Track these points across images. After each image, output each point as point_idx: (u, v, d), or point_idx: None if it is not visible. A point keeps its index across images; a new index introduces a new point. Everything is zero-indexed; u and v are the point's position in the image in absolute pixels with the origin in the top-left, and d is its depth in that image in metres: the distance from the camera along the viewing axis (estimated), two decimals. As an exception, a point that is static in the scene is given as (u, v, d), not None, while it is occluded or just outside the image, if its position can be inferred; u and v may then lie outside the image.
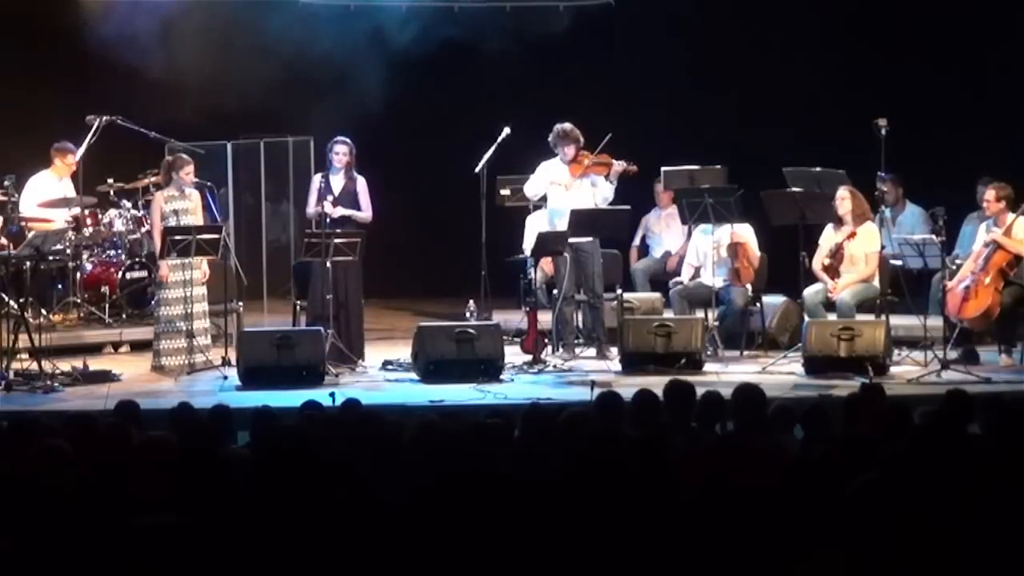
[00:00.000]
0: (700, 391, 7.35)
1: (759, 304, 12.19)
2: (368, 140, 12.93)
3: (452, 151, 13.63)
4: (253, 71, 12.99)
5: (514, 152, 12.41)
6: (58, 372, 10.82)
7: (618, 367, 11.37)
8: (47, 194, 12.77)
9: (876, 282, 11.68)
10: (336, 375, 11.04)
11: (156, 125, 13.15)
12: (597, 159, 11.97)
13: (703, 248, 12.28)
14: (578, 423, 6.46)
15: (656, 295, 12.89)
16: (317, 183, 11.77)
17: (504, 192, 13.48)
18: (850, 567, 4.31)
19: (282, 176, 14.82)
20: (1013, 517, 4.92)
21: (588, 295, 12.08)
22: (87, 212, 12.97)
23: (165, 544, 4.21)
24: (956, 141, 13.78)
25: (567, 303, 11.96)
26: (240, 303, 12.21)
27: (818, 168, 12.51)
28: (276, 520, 5.15)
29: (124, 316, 12.86)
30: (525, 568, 4.84)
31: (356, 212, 11.70)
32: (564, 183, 12.02)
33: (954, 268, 11.59)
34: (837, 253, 11.65)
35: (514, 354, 11.64)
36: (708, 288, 12.05)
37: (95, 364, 11.39)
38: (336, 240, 11.35)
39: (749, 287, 12.10)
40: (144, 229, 12.87)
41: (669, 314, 12.13)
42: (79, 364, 11.09)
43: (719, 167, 12.91)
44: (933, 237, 11.53)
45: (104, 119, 12.87)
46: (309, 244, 11.42)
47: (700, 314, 11.92)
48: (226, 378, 10.99)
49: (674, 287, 12.41)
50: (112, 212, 13.15)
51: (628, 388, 8.13)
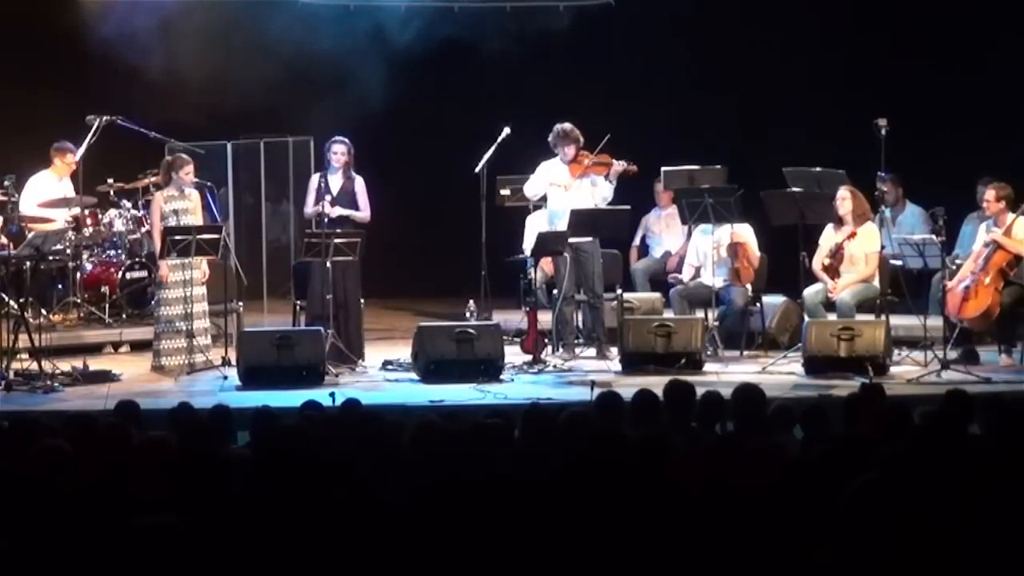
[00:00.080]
0: (700, 391, 7.35)
1: (759, 304, 12.19)
2: (368, 140, 12.93)
3: (452, 151, 13.62)
4: (253, 71, 12.99)
5: (514, 152, 12.41)
6: (58, 372, 10.82)
7: (618, 367, 11.36)
8: (47, 194, 12.76)
9: (876, 282, 11.68)
10: (336, 375, 11.04)
11: (156, 125, 13.15)
12: (597, 159, 11.97)
13: (703, 248, 12.28)
14: (578, 423, 6.46)
15: (656, 295, 12.89)
16: (315, 183, 11.77)
17: (504, 192, 13.48)
18: (850, 567, 4.31)
19: (282, 176, 14.82)
20: (1013, 517, 4.92)
21: (588, 295, 12.08)
22: (87, 212, 12.96)
23: (165, 544, 4.21)
24: (956, 141, 13.78)
25: (567, 303, 11.96)
26: (240, 303, 12.20)
27: (818, 168, 12.51)
28: (276, 520, 5.15)
29: (124, 316, 12.86)
30: (525, 568, 4.84)
31: (354, 212, 11.70)
32: (563, 184, 12.02)
33: (954, 268, 11.59)
34: (837, 253, 11.65)
35: (514, 354, 11.63)
36: (708, 288, 12.05)
37: (95, 364, 11.39)
38: (336, 240, 11.35)
39: (749, 287, 12.10)
40: (144, 229, 12.87)
41: (669, 314, 12.13)
42: (79, 364, 11.09)
43: (719, 167, 12.91)
44: (933, 237, 11.53)
45: (104, 119, 12.87)
46: (309, 244, 11.43)
47: (700, 314, 11.93)
48: (226, 378, 10.99)
49: (674, 282, 12.41)
50: (112, 212, 13.15)
51: (628, 388, 8.13)
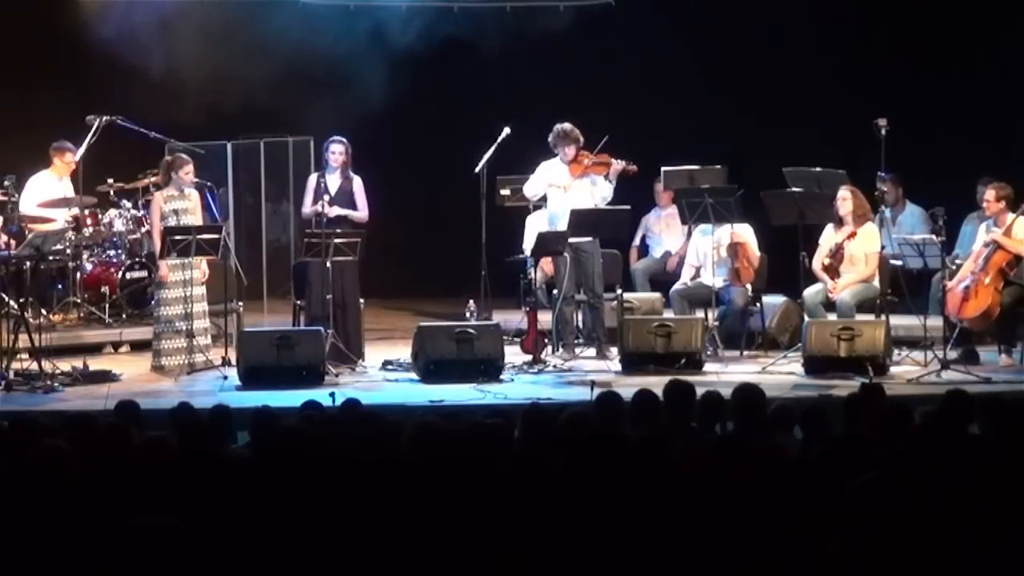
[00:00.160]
0: (700, 391, 7.35)
1: (759, 304, 12.19)
2: (368, 140, 12.94)
3: (452, 151, 13.61)
4: (253, 71, 13.00)
5: (514, 152, 12.41)
6: (58, 372, 10.82)
7: (618, 367, 11.36)
8: (47, 194, 12.76)
9: (876, 282, 11.68)
10: (336, 375, 11.04)
11: (156, 125, 13.15)
12: (597, 159, 11.97)
13: (703, 248, 12.28)
14: (578, 423, 6.45)
15: (656, 295, 12.89)
16: (313, 183, 11.78)
17: (504, 192, 13.48)
18: (850, 567, 4.30)
19: (282, 176, 14.82)
20: (1013, 517, 4.92)
21: (588, 295, 12.08)
22: (87, 212, 12.97)
23: (165, 544, 4.21)
24: (956, 141, 13.78)
25: (567, 303, 11.96)
26: (240, 303, 12.20)
27: (818, 168, 12.51)
28: (276, 520, 5.15)
29: (124, 316, 12.86)
30: (525, 568, 4.84)
31: (352, 212, 11.69)
32: (562, 185, 12.02)
33: (954, 268, 11.59)
34: (837, 253, 11.65)
35: (514, 354, 11.63)
36: (708, 288, 12.05)
37: (95, 364, 11.39)
38: (336, 240, 11.35)
39: (749, 287, 12.10)
40: (144, 229, 12.87)
41: (669, 314, 12.13)
42: (79, 364, 11.10)
43: (719, 167, 12.91)
44: (933, 237, 11.53)
45: (104, 119, 12.86)
46: (309, 244, 11.43)
47: (700, 314, 11.93)
48: (226, 378, 10.99)
49: (668, 273, 12.44)
50: (112, 212, 13.15)
51: (628, 388, 8.13)
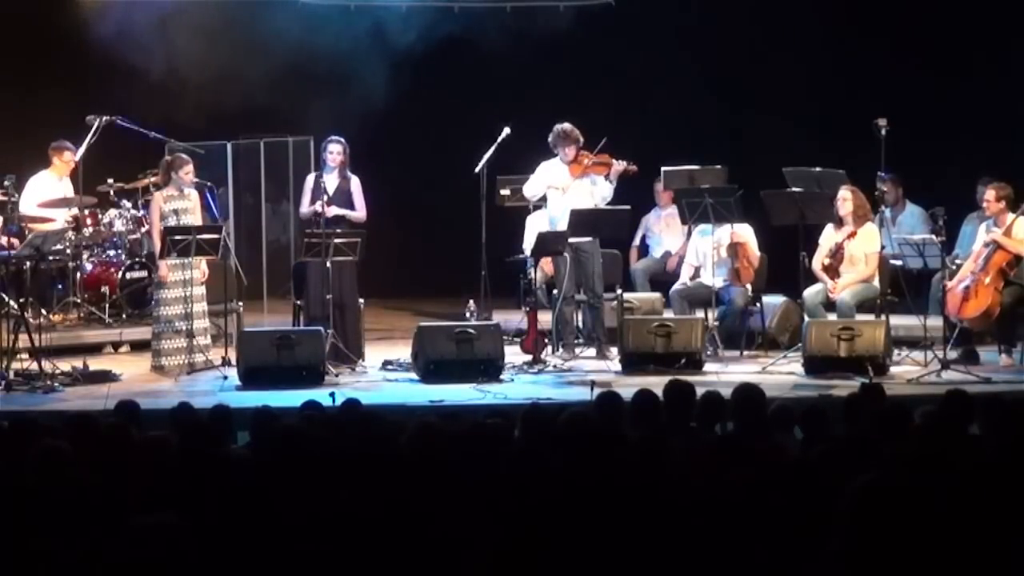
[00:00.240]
0: (700, 391, 7.35)
1: (759, 304, 12.19)
2: (368, 140, 12.94)
3: (452, 151, 13.62)
4: (253, 70, 13.00)
5: (514, 152, 12.41)
6: (58, 372, 10.82)
7: (618, 367, 11.36)
8: (47, 194, 12.76)
9: (876, 282, 11.67)
10: (336, 375, 11.04)
11: (156, 125, 13.15)
12: (597, 159, 11.96)
13: (703, 248, 12.28)
14: (578, 423, 6.45)
15: (656, 295, 12.89)
16: (311, 183, 11.78)
17: (504, 192, 13.48)
18: (850, 567, 4.30)
19: (282, 176, 14.82)
20: (1013, 517, 4.92)
21: (588, 295, 12.08)
22: (87, 212, 12.97)
23: (165, 544, 4.21)
24: (956, 141, 13.78)
25: (567, 303, 11.95)
26: (240, 303, 12.20)
27: (818, 168, 12.51)
28: (276, 520, 5.15)
29: (124, 316, 12.86)
30: (525, 568, 4.84)
31: (350, 212, 11.69)
32: (561, 186, 12.01)
33: (954, 268, 11.59)
34: (837, 253, 11.65)
35: (514, 354, 11.63)
36: (708, 288, 12.05)
37: (95, 364, 11.39)
38: (336, 240, 11.35)
39: (749, 287, 12.10)
40: (144, 229, 12.87)
41: (669, 314, 12.13)
42: (79, 364, 11.10)
43: (719, 167, 12.90)
44: (933, 237, 11.53)
45: (104, 119, 12.86)
46: (309, 244, 11.42)
47: (700, 314, 11.93)
48: (226, 378, 10.99)
49: (668, 273, 12.44)
50: (112, 212, 13.15)
51: (628, 388, 8.13)
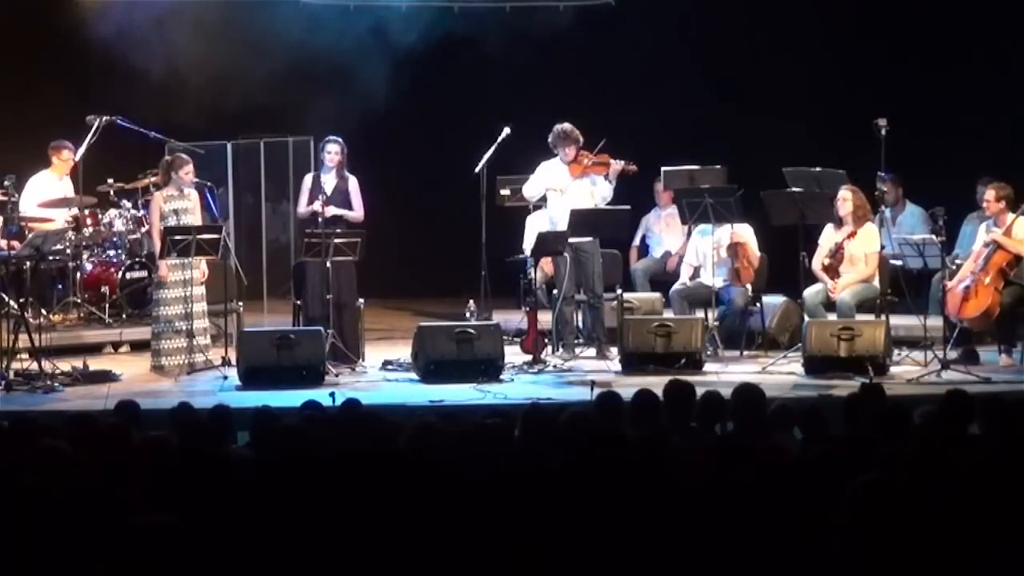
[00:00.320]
0: (700, 391, 7.35)
1: (759, 304, 12.19)
2: (368, 140, 12.93)
3: (452, 151, 13.61)
4: (253, 70, 12.99)
5: (514, 152, 12.41)
6: (58, 372, 10.82)
7: (618, 367, 11.36)
8: (47, 194, 12.76)
9: (876, 282, 11.67)
10: (336, 375, 11.04)
11: (156, 125, 13.15)
12: (597, 159, 11.97)
13: (702, 248, 12.28)
14: (578, 423, 6.45)
15: (656, 295, 12.88)
16: (309, 183, 11.79)
17: (504, 192, 13.48)
18: (850, 567, 4.30)
19: (282, 176, 14.81)
20: (1013, 517, 4.92)
21: (588, 295, 12.08)
22: (87, 212, 12.97)
23: (165, 544, 4.21)
24: (956, 141, 13.78)
25: (567, 303, 11.95)
26: (240, 303, 12.19)
27: (818, 168, 12.51)
28: (276, 520, 5.15)
29: (124, 316, 12.86)
30: (525, 568, 4.84)
31: (348, 212, 11.69)
32: (560, 187, 12.01)
33: (954, 268, 11.59)
34: (837, 253, 11.65)
35: (514, 354, 11.63)
36: (708, 288, 12.05)
37: (95, 364, 11.39)
38: (336, 240, 11.35)
39: (749, 287, 12.10)
40: (144, 229, 12.87)
41: (669, 314, 12.13)
42: (79, 364, 11.10)
43: (719, 167, 12.90)
44: (933, 237, 11.53)
45: (104, 119, 12.86)
46: (309, 244, 11.42)
47: (700, 314, 11.93)
48: (226, 378, 10.99)
49: (668, 273, 12.43)
50: (112, 212, 13.15)
51: (628, 388, 8.13)
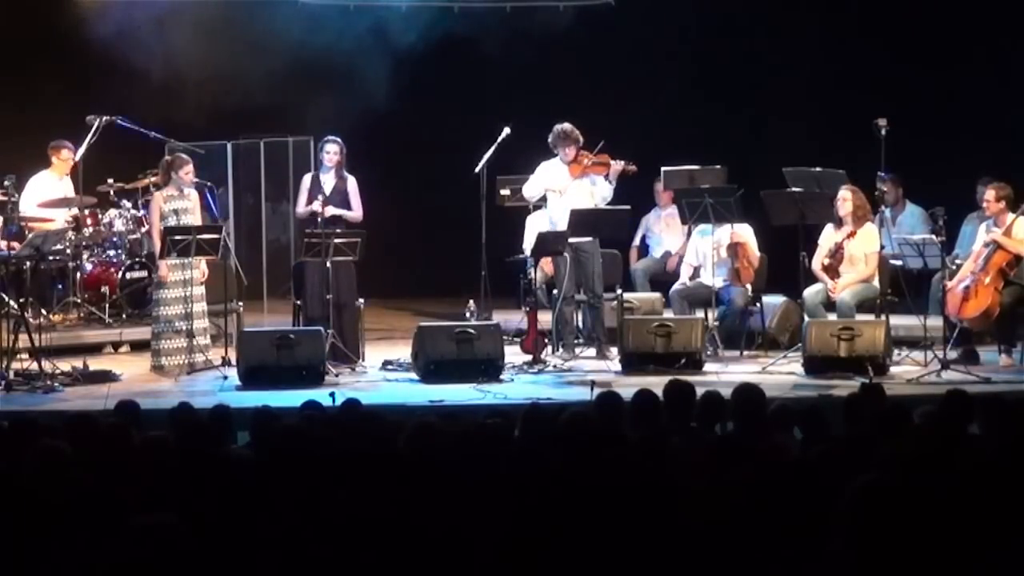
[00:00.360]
0: (700, 391, 7.35)
1: (759, 304, 12.19)
2: (368, 140, 12.93)
3: (452, 151, 13.61)
4: (253, 70, 12.99)
5: (514, 152, 12.41)
6: (58, 372, 10.82)
7: (618, 367, 11.36)
8: (47, 194, 12.76)
9: (876, 282, 11.67)
10: (336, 375, 11.04)
11: (156, 125, 13.15)
12: (597, 159, 11.97)
13: (702, 248, 12.28)
14: (578, 423, 6.45)
15: (656, 295, 12.88)
16: (308, 183, 11.79)
17: (504, 192, 13.48)
18: (850, 567, 4.30)
19: (282, 176, 14.81)
20: (1013, 517, 4.92)
21: (588, 295, 12.08)
22: (87, 212, 12.97)
23: (165, 544, 4.21)
24: (956, 141, 13.78)
25: (567, 303, 11.95)
26: (240, 303, 12.19)
27: (818, 168, 12.51)
28: (276, 520, 5.15)
29: (124, 316, 12.85)
30: (525, 568, 4.84)
31: (347, 212, 11.69)
32: (558, 189, 12.01)
33: (954, 268, 11.59)
34: (837, 253, 11.65)
35: (514, 354, 11.63)
36: (708, 288, 12.05)
37: (95, 364, 11.39)
38: (336, 240, 11.35)
39: (749, 287, 12.10)
40: (144, 229, 12.87)
41: (669, 314, 12.13)
42: (79, 364, 11.09)
43: (719, 167, 12.90)
44: (933, 237, 11.53)
45: (104, 119, 12.86)
46: (309, 244, 11.42)
47: (700, 314, 11.92)
48: (226, 378, 10.99)
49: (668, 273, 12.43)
50: (112, 212, 13.15)
51: (628, 388, 8.13)
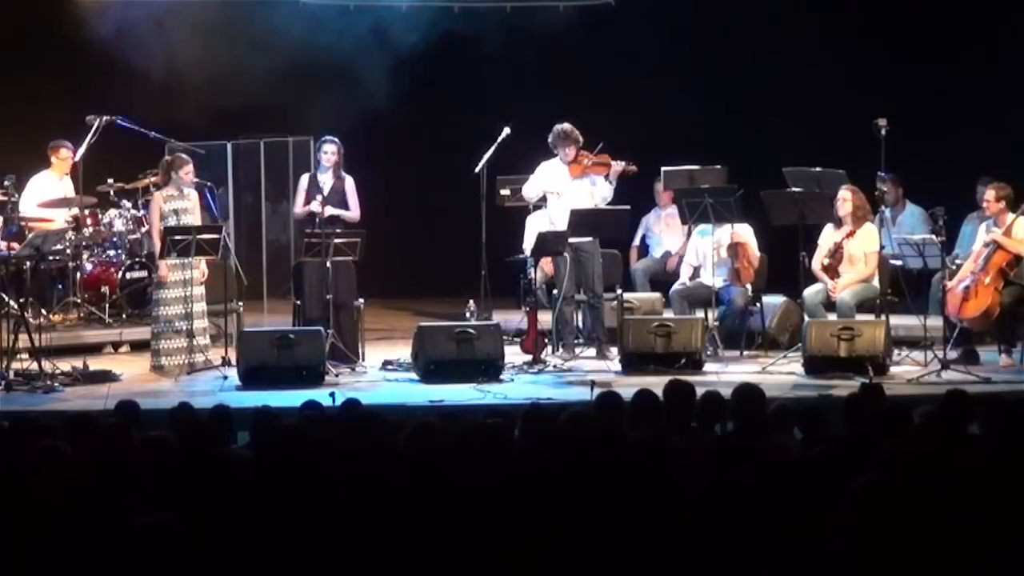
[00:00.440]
0: (700, 391, 7.35)
1: (759, 304, 12.19)
2: (368, 140, 12.93)
3: (452, 151, 13.61)
4: (253, 70, 12.98)
5: (514, 152, 12.41)
6: (58, 372, 10.82)
7: (618, 367, 11.36)
8: (47, 194, 12.77)
9: (876, 282, 11.67)
10: (336, 375, 11.04)
11: (156, 125, 13.15)
12: (597, 159, 11.97)
13: (702, 248, 12.28)
14: (578, 423, 6.45)
15: (656, 295, 12.88)
16: (305, 183, 11.79)
17: (504, 192, 13.47)
18: (850, 568, 4.30)
19: (282, 176, 14.80)
20: (1013, 517, 4.92)
21: (588, 295, 12.08)
22: (87, 212, 12.97)
23: (165, 544, 4.21)
24: (956, 141, 13.78)
25: (567, 303, 11.95)
26: (240, 303, 12.20)
27: (818, 168, 12.51)
28: (276, 520, 5.15)
29: (124, 316, 12.86)
30: (525, 568, 4.84)
31: (344, 212, 11.69)
32: (557, 190, 12.01)
33: (954, 268, 11.59)
34: (836, 252, 11.65)
35: (514, 354, 11.63)
36: (708, 288, 12.05)
37: (95, 364, 11.39)
38: (336, 240, 11.35)
39: (749, 287, 12.10)
40: (144, 229, 12.87)
41: (669, 314, 12.13)
42: (79, 364, 11.10)
43: (719, 167, 12.90)
44: (933, 237, 11.53)
45: (104, 119, 12.86)
46: (309, 244, 11.42)
47: (700, 314, 11.92)
48: (226, 378, 10.99)
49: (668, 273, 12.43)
50: (112, 212, 13.15)
51: (628, 388, 8.12)
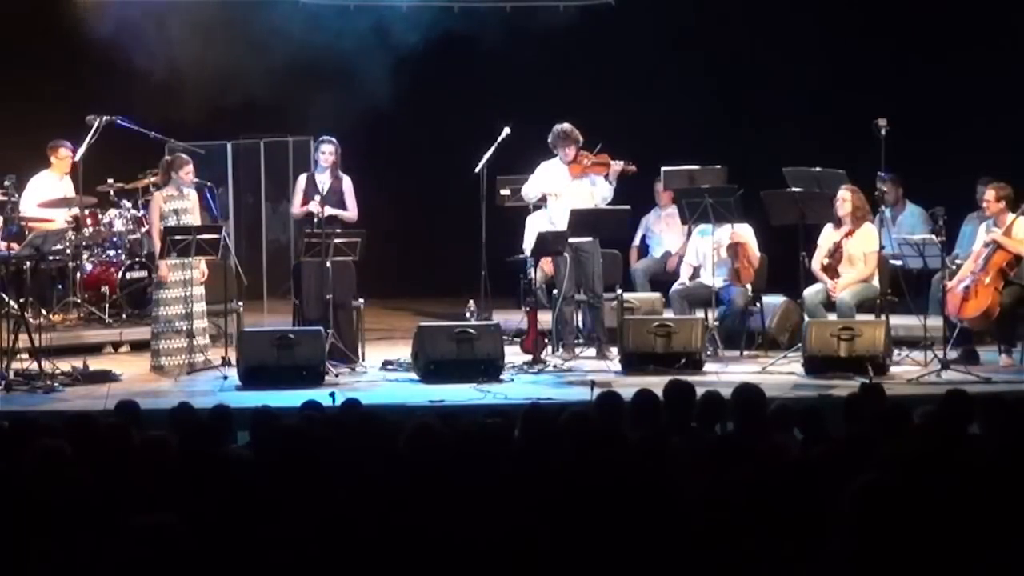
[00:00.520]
0: (700, 391, 7.35)
1: (759, 304, 12.19)
2: (368, 140, 12.93)
3: (452, 151, 13.61)
4: (253, 70, 12.98)
5: (514, 152, 12.41)
6: (58, 372, 10.82)
7: (618, 367, 11.36)
8: (47, 194, 12.77)
9: (876, 282, 11.67)
10: (336, 375, 11.04)
11: (156, 125, 13.15)
12: (597, 159, 11.96)
13: (702, 248, 12.28)
14: (578, 423, 6.46)
15: (656, 295, 12.88)
16: (303, 183, 11.79)
17: (504, 192, 13.47)
18: (850, 567, 4.31)
19: (282, 176, 14.79)
20: (1013, 517, 4.92)
21: (588, 295, 12.08)
22: (87, 212, 12.97)
23: (165, 544, 4.21)
24: (956, 141, 13.78)
25: (567, 303, 11.95)
26: (240, 303, 12.20)
27: (818, 168, 12.51)
28: (276, 520, 5.15)
29: (124, 316, 12.85)
30: (525, 568, 4.84)
31: (342, 212, 11.69)
32: (555, 192, 12.01)
33: (954, 268, 11.59)
34: (836, 252, 11.64)
35: (514, 354, 11.63)
36: (708, 288, 12.05)
37: (95, 364, 11.39)
38: (336, 240, 11.35)
39: (749, 287, 12.09)
40: (144, 229, 12.86)
41: (669, 314, 12.13)
42: (79, 364, 11.09)
43: (719, 167, 12.91)
44: (933, 237, 11.53)
45: (104, 119, 12.86)
46: (309, 244, 11.42)
47: (700, 314, 11.92)
48: (226, 378, 10.99)
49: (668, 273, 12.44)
50: (112, 212, 13.15)
51: (628, 388, 8.13)
